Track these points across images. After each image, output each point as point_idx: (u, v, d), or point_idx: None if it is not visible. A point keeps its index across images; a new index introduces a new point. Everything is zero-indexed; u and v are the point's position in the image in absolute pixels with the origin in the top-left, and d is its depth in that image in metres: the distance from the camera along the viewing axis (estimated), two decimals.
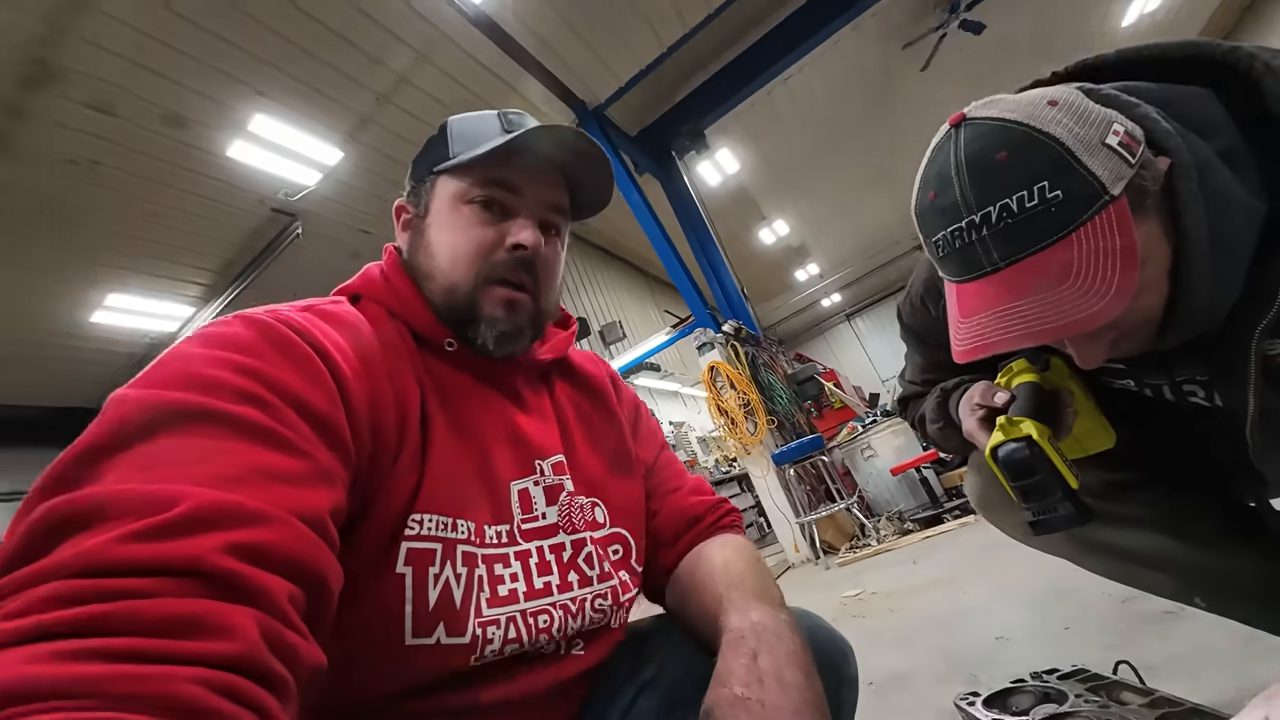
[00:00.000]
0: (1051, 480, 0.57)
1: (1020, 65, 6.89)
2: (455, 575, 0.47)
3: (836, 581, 2.98)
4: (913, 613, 1.93)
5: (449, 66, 4.19)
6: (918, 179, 0.56)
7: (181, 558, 0.27)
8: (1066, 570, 0.84)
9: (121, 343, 5.40)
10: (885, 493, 4.02)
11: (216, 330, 0.42)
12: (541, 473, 0.55)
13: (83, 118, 3.50)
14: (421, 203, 0.58)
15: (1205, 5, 7.04)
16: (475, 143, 0.55)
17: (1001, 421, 0.60)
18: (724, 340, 4.49)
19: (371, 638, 0.44)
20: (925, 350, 0.87)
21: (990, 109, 0.51)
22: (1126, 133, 0.48)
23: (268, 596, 0.29)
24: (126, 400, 0.35)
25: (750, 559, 0.58)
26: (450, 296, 0.54)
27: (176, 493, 0.30)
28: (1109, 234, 0.46)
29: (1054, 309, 0.48)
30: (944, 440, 0.83)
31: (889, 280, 12.49)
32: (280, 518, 0.32)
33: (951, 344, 0.56)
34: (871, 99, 6.55)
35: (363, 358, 0.46)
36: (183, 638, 0.25)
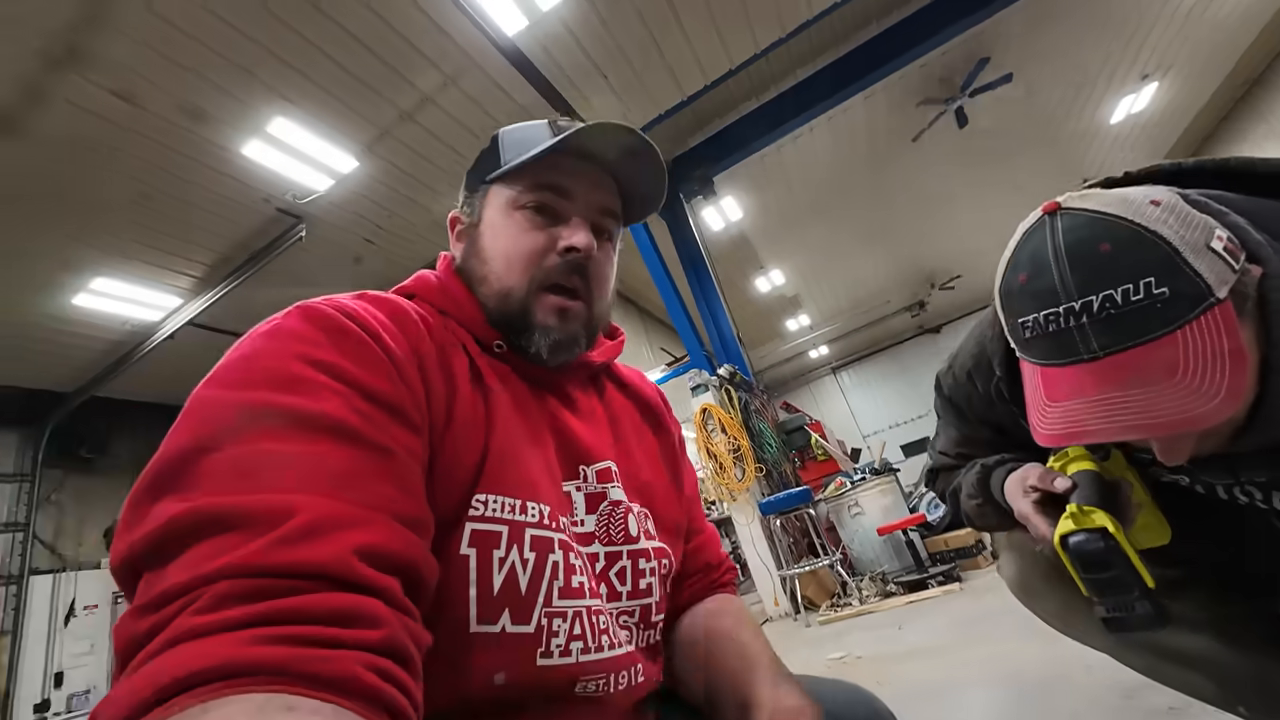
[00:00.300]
0: (1129, 576, 0.56)
1: (1014, 146, 7.27)
2: (522, 560, 0.45)
3: (819, 640, 2.92)
4: (903, 684, 1.89)
5: (474, 91, 4.27)
6: (1005, 260, 0.56)
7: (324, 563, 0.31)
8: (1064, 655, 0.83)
9: (101, 328, 5.23)
10: (870, 552, 3.99)
11: (277, 325, 0.42)
12: (585, 479, 0.54)
13: (103, 102, 3.48)
14: (475, 211, 0.58)
15: (1187, 110, 7.54)
16: (525, 149, 0.55)
17: (1073, 510, 0.60)
18: (718, 384, 4.51)
19: (438, 623, 0.41)
20: (963, 424, 0.87)
21: (1088, 201, 0.52)
22: (1229, 239, 0.49)
23: (389, 592, 0.32)
24: (209, 402, 0.37)
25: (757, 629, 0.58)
26: (504, 302, 0.54)
27: (289, 503, 0.32)
28: (1217, 335, 0.47)
29: (1161, 405, 0.48)
30: (979, 517, 0.82)
31: (876, 338, 12.75)
32: (379, 521, 0.34)
33: (1034, 426, 0.56)
34: (872, 164, 6.81)
35: (409, 336, 0.47)
36: (347, 626, 0.29)
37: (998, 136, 6.87)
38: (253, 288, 5.25)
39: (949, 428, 0.91)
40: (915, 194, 7.64)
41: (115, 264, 4.66)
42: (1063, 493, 0.64)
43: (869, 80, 5.14)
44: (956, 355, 0.84)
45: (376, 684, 0.28)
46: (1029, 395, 0.57)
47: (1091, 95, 6.67)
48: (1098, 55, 6.01)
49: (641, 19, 4.13)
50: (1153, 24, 5.75)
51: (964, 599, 2.92)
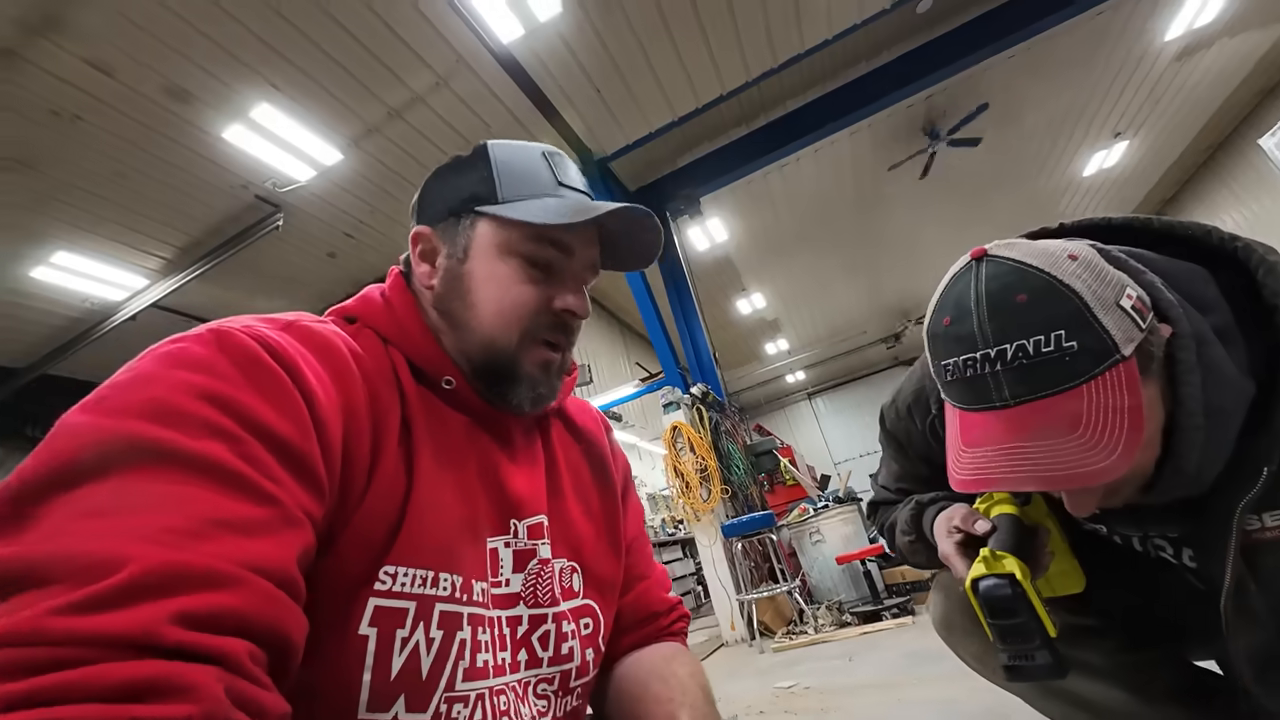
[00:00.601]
0: (1032, 625, 0.56)
1: (992, 190, 7.52)
2: (427, 640, 0.42)
3: (770, 669, 2.90)
4: (847, 716, 1.88)
5: (466, 94, 4.27)
6: (933, 302, 0.57)
7: (123, 632, 0.26)
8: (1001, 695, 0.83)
9: (59, 303, 5.04)
10: (828, 580, 4.00)
11: (184, 349, 0.38)
12: (515, 533, 0.51)
13: (79, 72, 3.39)
14: (459, 243, 0.53)
15: (1155, 168, 7.90)
16: (529, 187, 0.52)
17: (985, 554, 0.60)
18: (690, 402, 4.51)
19: (320, 707, 0.38)
20: (903, 459, 0.88)
21: (1012, 250, 0.53)
22: (1139, 298, 0.50)
23: (227, 657, 0.28)
24: (78, 430, 0.32)
25: (705, 686, 0.56)
26: (489, 353, 0.51)
27: (122, 554, 0.27)
28: (1119, 392, 0.48)
29: (1061, 458, 0.48)
30: (912, 554, 0.82)
31: (852, 366, 12.93)
32: (238, 577, 0.30)
33: (950, 469, 0.56)
34: (856, 197, 6.97)
35: (340, 383, 0.43)
36: (141, 701, 0.24)
37: (975, 178, 7.09)
38: (224, 274, 5.13)
39: (890, 462, 0.92)
40: (895, 229, 7.83)
41: (80, 239, 4.51)
42: (982, 535, 0.65)
43: (856, 117, 5.28)
44: (900, 390, 0.85)
45: None
46: (949, 437, 0.57)
47: (1067, 147, 6.94)
48: (1075, 109, 6.27)
49: (637, 38, 4.19)
50: (1125, 84, 6.03)
51: (916, 632, 2.93)
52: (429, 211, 0.55)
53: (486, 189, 0.52)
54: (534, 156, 0.55)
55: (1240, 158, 7.44)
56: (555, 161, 0.55)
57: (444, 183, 0.55)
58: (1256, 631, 0.57)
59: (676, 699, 0.52)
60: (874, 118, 5.54)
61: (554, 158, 0.55)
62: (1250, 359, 0.53)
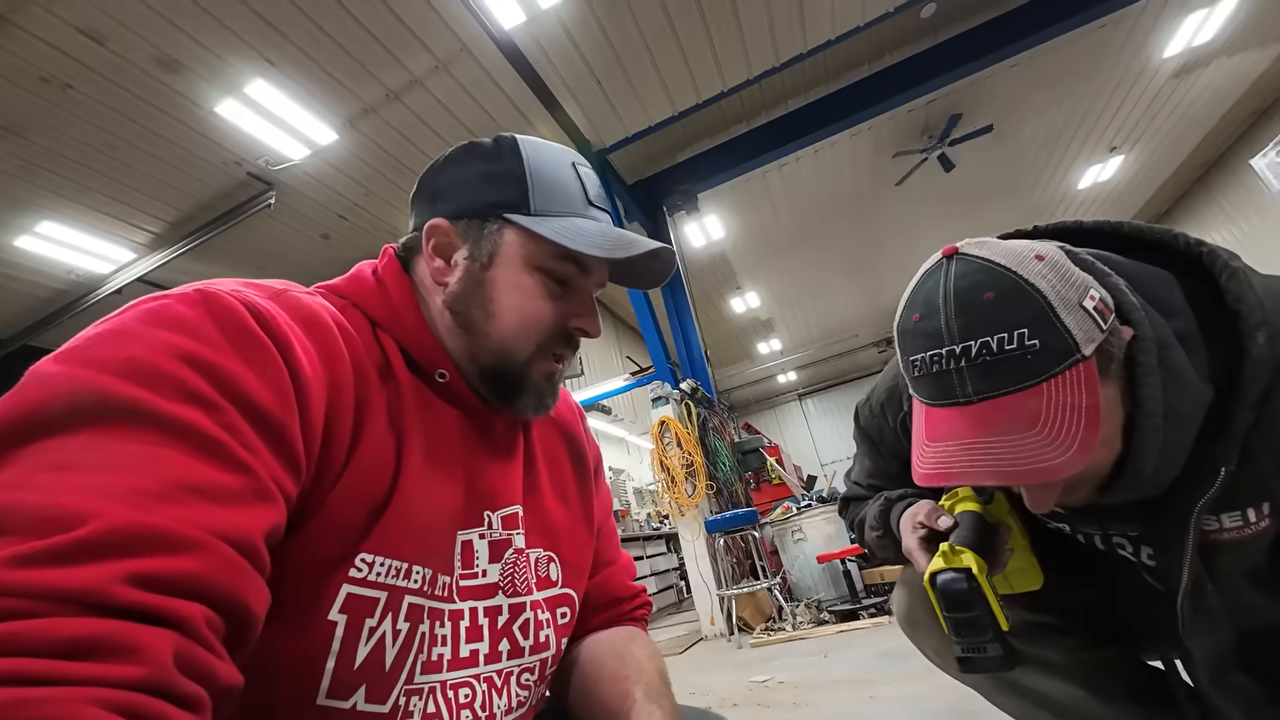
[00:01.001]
0: (986, 618, 0.57)
1: (989, 199, 7.56)
2: (394, 631, 0.42)
3: (747, 663, 2.93)
4: (817, 711, 1.90)
5: (466, 80, 4.23)
6: (904, 298, 0.57)
7: (75, 587, 0.25)
8: (972, 692, 0.84)
9: (43, 274, 4.96)
10: (808, 579, 4.03)
11: (168, 307, 0.36)
12: (489, 525, 0.51)
13: (69, 39, 3.33)
14: (483, 248, 0.51)
15: (1149, 184, 7.98)
16: (561, 203, 0.52)
17: (944, 549, 0.61)
18: (679, 398, 4.52)
19: (279, 688, 0.38)
20: (875, 456, 0.89)
21: (982, 249, 0.54)
22: (1101, 299, 0.51)
23: (183, 621, 0.27)
24: (51, 379, 0.31)
25: (661, 668, 0.56)
26: (502, 360, 0.51)
27: (85, 509, 0.27)
28: (1078, 391, 0.49)
29: (1020, 454, 0.49)
30: (880, 549, 0.83)
31: (843, 369, 13.01)
32: (201, 542, 0.29)
33: (914, 463, 0.57)
34: (855, 201, 7.00)
35: (326, 359, 0.42)
36: (81, 659, 0.24)
37: (973, 186, 7.13)
38: (213, 251, 5.07)
39: (864, 458, 0.93)
40: (891, 233, 7.86)
41: (67, 209, 4.44)
42: (945, 530, 0.66)
43: (857, 119, 5.29)
44: (875, 388, 0.86)
45: None
46: (915, 432, 0.58)
47: (1063, 160, 7.00)
48: (1073, 122, 6.31)
49: (640, 31, 4.16)
50: (1123, 98, 6.08)
51: (891, 631, 2.97)
52: (448, 203, 0.52)
53: (518, 196, 0.51)
54: (565, 166, 0.54)
55: (1232, 176, 7.53)
56: (584, 175, 0.55)
57: (466, 172, 0.53)
58: (1213, 632, 0.58)
59: (632, 676, 0.52)
60: (874, 121, 5.55)
61: (583, 170, 0.55)
62: (1211, 364, 0.54)
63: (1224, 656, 0.59)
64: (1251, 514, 0.55)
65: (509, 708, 0.48)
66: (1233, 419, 0.53)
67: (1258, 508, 0.55)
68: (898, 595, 0.85)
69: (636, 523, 6.64)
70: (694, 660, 3.36)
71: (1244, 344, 0.52)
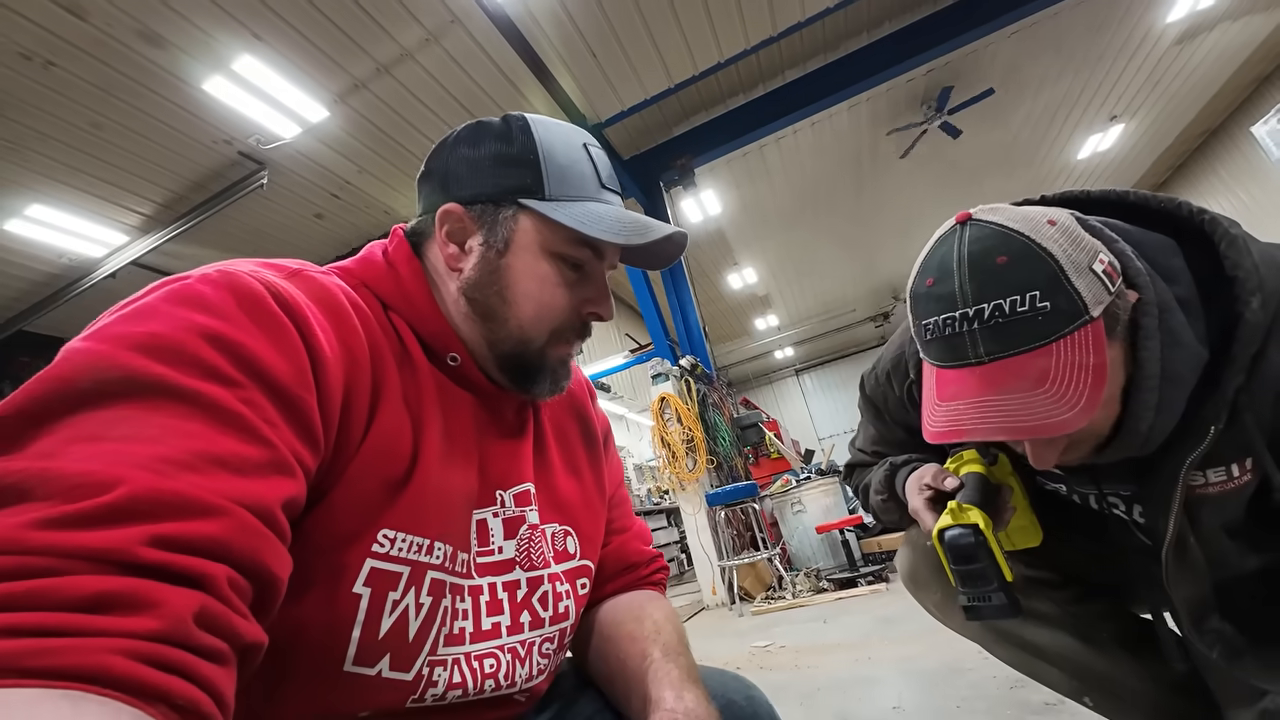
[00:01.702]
0: (990, 570, 0.61)
1: (988, 172, 7.50)
2: (417, 605, 0.44)
3: (748, 630, 3.01)
4: (818, 672, 1.97)
5: (457, 53, 4.14)
6: (918, 263, 0.59)
7: (100, 547, 0.26)
8: (965, 651, 0.89)
9: (35, 258, 4.91)
10: (807, 549, 4.12)
11: (191, 287, 0.38)
12: (502, 504, 0.53)
13: (48, 13, 3.24)
14: (498, 234, 0.51)
15: (1148, 154, 7.92)
16: (575, 187, 0.52)
17: (952, 506, 0.64)
18: (679, 374, 4.55)
19: (308, 654, 0.40)
20: (880, 423, 0.91)
21: (995, 215, 0.55)
22: (1109, 263, 0.53)
23: (205, 579, 0.28)
24: (81, 356, 0.32)
25: (679, 628, 0.58)
26: (520, 347, 0.52)
27: (115, 475, 0.28)
28: (1086, 350, 0.51)
29: (1029, 410, 0.52)
30: (884, 512, 0.87)
31: (840, 344, 13.05)
32: (224, 508, 0.30)
33: (924, 422, 0.59)
34: (853, 174, 6.93)
35: (343, 338, 0.43)
36: (102, 613, 0.25)
37: (971, 159, 7.07)
38: (207, 232, 5.01)
39: (868, 426, 0.96)
40: (889, 208, 7.81)
41: (56, 191, 4.37)
42: (951, 491, 0.69)
43: (855, 89, 5.20)
44: (880, 358, 0.88)
45: (143, 673, 0.24)
46: (925, 394, 0.60)
47: (1063, 129, 6.92)
48: (1074, 90, 6.23)
49: (635, 1, 4.07)
50: (1125, 65, 5.99)
51: (888, 598, 3.05)
52: (461, 187, 0.52)
53: (533, 180, 0.50)
54: (577, 148, 0.53)
55: (1232, 145, 7.47)
56: (596, 157, 0.54)
57: (476, 154, 0.52)
58: (1194, 581, 0.61)
59: (649, 637, 0.54)
60: (873, 92, 5.47)
61: (594, 151, 0.55)
62: (1208, 327, 0.57)
63: (1203, 603, 0.62)
64: (1235, 469, 0.58)
65: (530, 675, 0.51)
66: (1224, 380, 0.55)
67: (1240, 463, 0.58)
68: (902, 554, 0.89)
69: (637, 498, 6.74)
70: (697, 629, 3.46)
71: (1239, 308, 0.55)
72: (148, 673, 0.24)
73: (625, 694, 0.52)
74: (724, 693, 0.55)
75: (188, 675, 0.26)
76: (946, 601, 0.82)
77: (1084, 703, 0.78)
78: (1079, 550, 0.80)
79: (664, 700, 0.47)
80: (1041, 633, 0.78)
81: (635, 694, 0.50)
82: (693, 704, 0.47)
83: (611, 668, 0.55)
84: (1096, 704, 0.77)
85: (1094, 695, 0.77)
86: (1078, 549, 0.80)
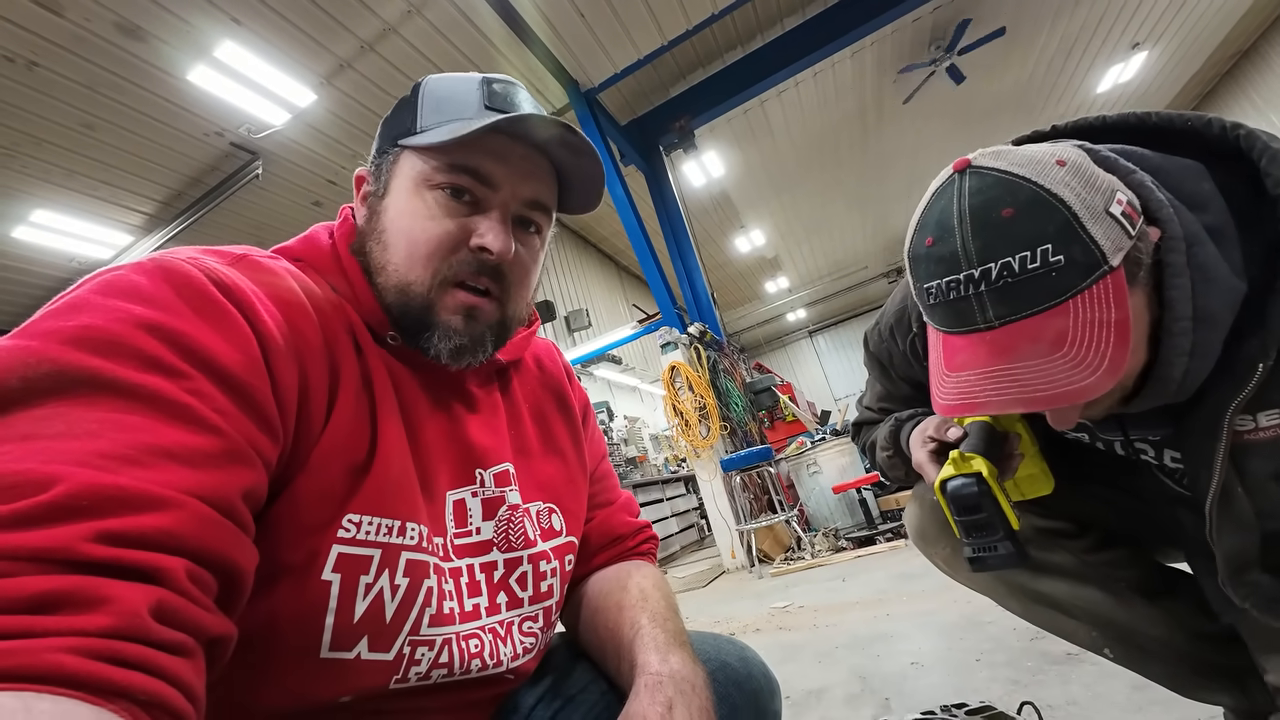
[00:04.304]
0: (995, 519, 0.58)
1: (1002, 113, 7.18)
2: (392, 586, 0.42)
3: (767, 591, 3.04)
4: (836, 630, 1.98)
5: (440, 22, 4.02)
6: (914, 220, 0.54)
7: (42, 547, 0.25)
8: (984, 604, 0.86)
9: (45, 263, 4.98)
10: (824, 509, 4.12)
11: (123, 277, 0.36)
12: (481, 483, 0.51)
13: (25, 11, 3.18)
14: (382, 179, 0.50)
15: (1174, 83, 7.50)
16: (449, 114, 0.48)
17: (954, 456, 0.61)
18: (688, 342, 4.51)
19: (283, 644, 0.39)
20: (886, 380, 0.88)
21: (998, 160, 0.49)
22: (1129, 203, 0.48)
23: (160, 573, 0.27)
24: (7, 354, 0.30)
25: (667, 595, 0.57)
26: (403, 296, 0.47)
27: (52, 474, 0.27)
28: (1106, 305, 0.46)
29: (1046, 378, 0.47)
30: (890, 468, 0.84)
31: (852, 303, 12.85)
32: (175, 500, 0.29)
33: (933, 395, 0.55)
34: (859, 126, 6.68)
35: (293, 321, 0.41)
36: (49, 613, 0.24)
37: (984, 101, 6.76)
38: (210, 228, 5.02)
39: (874, 384, 0.92)
40: (898, 157, 7.55)
41: (56, 195, 4.39)
42: (955, 442, 0.65)
43: (859, 33, 4.96)
44: (883, 312, 0.84)
45: (99, 670, 0.24)
46: (932, 362, 0.56)
47: (1081, 61, 6.57)
48: (1091, 19, 5.88)
49: None
50: None
51: (906, 554, 3.05)
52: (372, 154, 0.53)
53: (410, 121, 0.50)
54: (467, 84, 0.50)
55: (1265, 66, 7.04)
56: (494, 88, 0.50)
57: (384, 126, 0.52)
58: (1241, 535, 0.56)
59: (637, 605, 0.53)
60: (878, 34, 5.21)
61: (495, 84, 0.50)
62: (1245, 256, 0.51)
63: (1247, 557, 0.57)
64: None
65: (515, 654, 0.50)
66: (1271, 311, 0.49)
67: None
68: (909, 510, 0.86)
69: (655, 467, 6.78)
70: (717, 592, 3.50)
71: None
72: (104, 669, 0.24)
73: (615, 663, 0.52)
74: (718, 655, 0.55)
75: (149, 669, 0.25)
76: (955, 556, 0.79)
77: (1104, 654, 0.75)
78: (1097, 500, 0.76)
79: (649, 664, 0.47)
80: (1057, 585, 0.75)
81: (624, 661, 0.50)
82: (678, 665, 0.46)
83: (602, 638, 0.55)
84: (1117, 655, 0.74)
85: (1114, 647, 0.74)
86: (1096, 499, 0.76)
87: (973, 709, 0.89)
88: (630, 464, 5.99)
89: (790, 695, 1.43)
